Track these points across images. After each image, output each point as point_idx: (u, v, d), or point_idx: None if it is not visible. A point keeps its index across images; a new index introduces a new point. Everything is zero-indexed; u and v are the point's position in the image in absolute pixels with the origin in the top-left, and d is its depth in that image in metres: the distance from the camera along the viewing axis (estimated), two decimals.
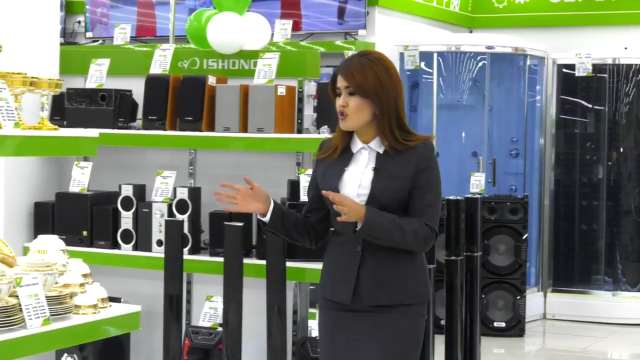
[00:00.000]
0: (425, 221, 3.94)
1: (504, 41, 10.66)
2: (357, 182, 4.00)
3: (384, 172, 3.96)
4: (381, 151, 4.01)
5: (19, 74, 3.67)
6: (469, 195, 5.99)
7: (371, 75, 3.96)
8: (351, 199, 3.92)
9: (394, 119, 3.97)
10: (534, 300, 10.30)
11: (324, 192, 3.93)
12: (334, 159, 4.08)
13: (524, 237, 9.61)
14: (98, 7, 11.63)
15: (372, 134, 4.04)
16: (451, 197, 5.78)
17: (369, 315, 3.98)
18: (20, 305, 3.36)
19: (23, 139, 3.52)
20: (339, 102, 4.00)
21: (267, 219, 4.07)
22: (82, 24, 11.61)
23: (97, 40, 11.43)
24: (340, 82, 4.01)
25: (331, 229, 4.20)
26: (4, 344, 3.28)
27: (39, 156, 5.96)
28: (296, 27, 9.86)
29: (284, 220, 4.10)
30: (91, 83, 6.11)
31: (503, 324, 9.46)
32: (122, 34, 7.16)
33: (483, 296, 9.20)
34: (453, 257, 5.70)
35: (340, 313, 4.04)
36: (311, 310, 5.78)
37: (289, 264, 5.26)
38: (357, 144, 4.07)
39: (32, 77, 3.70)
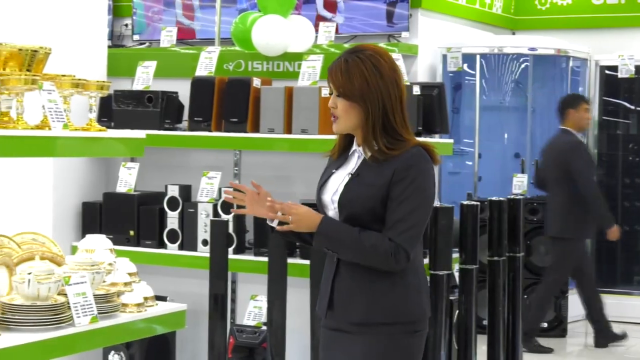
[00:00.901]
0: (391, 236, 3.52)
1: (546, 43, 10.57)
2: (335, 187, 3.69)
3: (359, 179, 3.61)
4: (367, 157, 3.64)
5: (67, 76, 3.70)
6: (512, 196, 5.95)
7: (357, 76, 3.58)
8: (306, 207, 3.62)
9: (379, 124, 3.59)
10: (577, 301, 10.22)
11: (268, 200, 3.69)
12: (334, 159, 3.80)
13: None
14: (149, 10, 11.68)
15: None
16: (494, 198, 5.75)
17: (344, 334, 3.66)
18: (68, 303, 3.38)
19: (71, 139, 3.55)
20: (329, 102, 3.69)
21: (275, 223, 3.73)
22: (130, 26, 11.66)
23: (144, 43, 11.48)
24: (331, 84, 3.69)
25: None
26: (52, 342, 3.30)
27: (87, 157, 6.01)
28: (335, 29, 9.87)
29: None
30: (138, 85, 6.15)
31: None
32: (168, 36, 7.18)
33: (525, 296, 9.13)
34: (495, 258, 5.65)
35: (325, 331, 3.76)
36: None
37: None
38: (354, 146, 3.73)
39: (81, 79, 3.73)
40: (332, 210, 3.67)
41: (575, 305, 9.96)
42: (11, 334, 3.26)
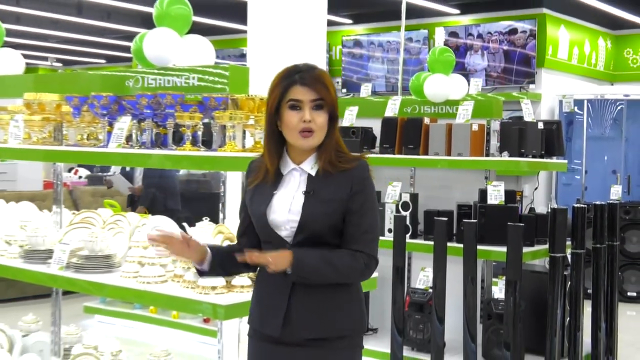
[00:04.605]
0: (361, 248, 2.47)
1: (637, 91, 10.20)
2: (287, 207, 2.47)
3: (316, 195, 2.46)
4: (313, 173, 2.49)
5: None
6: (610, 201, 5.73)
7: (332, 88, 2.48)
8: (271, 252, 2.41)
9: (336, 137, 2.52)
10: None
11: (247, 254, 2.40)
12: (268, 182, 2.53)
13: None
14: (352, 70, 11.81)
15: (307, 154, 2.51)
16: (597, 202, 5.56)
17: (301, 349, 2.46)
18: None
19: None
20: (304, 116, 2.43)
21: (204, 266, 2.60)
22: (339, 83, 11.83)
23: (349, 94, 11.63)
24: (308, 95, 2.44)
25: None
26: None
27: None
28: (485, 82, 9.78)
29: (225, 265, 2.63)
30: (345, 123, 6.23)
31: (635, 294, 8.99)
32: (365, 89, 7.24)
33: (620, 273, 8.77)
34: (598, 245, 5.46)
35: (270, 346, 2.51)
36: (494, 279, 5.67)
37: (479, 246, 5.18)
38: (287, 165, 2.53)
39: None
40: (287, 230, 2.48)
41: None
42: None
